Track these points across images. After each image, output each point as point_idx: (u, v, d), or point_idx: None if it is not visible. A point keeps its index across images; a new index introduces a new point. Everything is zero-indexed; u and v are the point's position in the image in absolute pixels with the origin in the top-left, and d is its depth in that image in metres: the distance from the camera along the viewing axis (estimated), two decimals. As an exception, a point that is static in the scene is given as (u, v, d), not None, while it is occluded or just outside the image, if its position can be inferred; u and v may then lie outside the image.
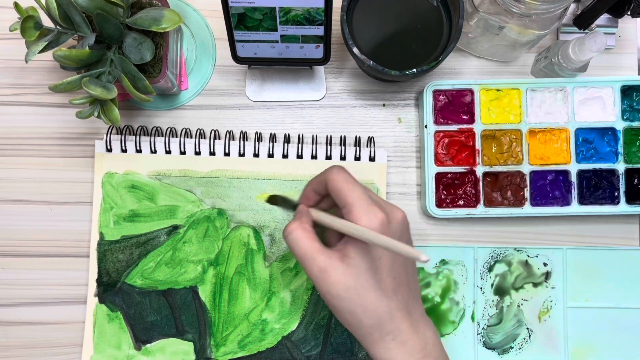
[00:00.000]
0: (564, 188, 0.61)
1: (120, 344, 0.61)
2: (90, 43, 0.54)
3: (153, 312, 0.62)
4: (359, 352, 0.61)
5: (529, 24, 0.56)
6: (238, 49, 0.57)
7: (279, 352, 0.61)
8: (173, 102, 0.64)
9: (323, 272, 0.45)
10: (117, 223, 0.62)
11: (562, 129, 0.61)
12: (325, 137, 0.64)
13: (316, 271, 0.45)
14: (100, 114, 0.56)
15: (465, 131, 0.62)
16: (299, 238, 0.47)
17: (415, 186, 0.64)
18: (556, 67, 0.61)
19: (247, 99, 0.64)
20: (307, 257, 0.46)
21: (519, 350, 0.62)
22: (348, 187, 0.47)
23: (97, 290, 0.62)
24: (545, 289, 0.62)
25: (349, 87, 0.65)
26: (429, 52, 0.57)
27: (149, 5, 0.58)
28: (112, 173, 0.62)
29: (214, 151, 0.62)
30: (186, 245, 0.62)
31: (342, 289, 0.45)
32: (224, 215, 0.62)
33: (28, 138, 0.64)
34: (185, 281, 0.62)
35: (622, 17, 0.61)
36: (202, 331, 0.61)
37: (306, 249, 0.46)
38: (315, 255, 0.46)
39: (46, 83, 0.64)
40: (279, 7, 0.52)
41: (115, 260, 0.62)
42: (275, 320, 0.61)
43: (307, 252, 0.46)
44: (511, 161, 0.61)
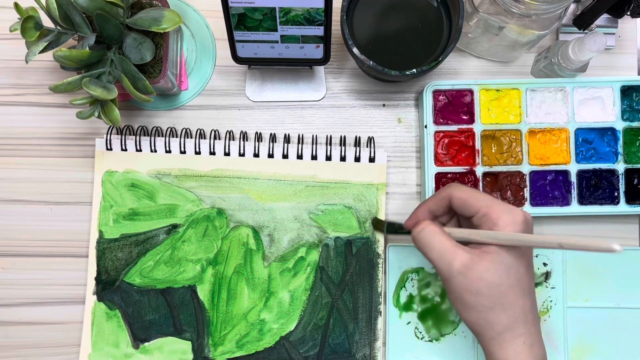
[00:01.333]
0: (563, 188, 0.61)
1: (118, 342, 0.61)
2: (91, 43, 0.54)
3: (151, 311, 0.62)
4: (356, 352, 0.61)
5: (529, 24, 0.56)
6: (238, 49, 0.57)
7: (277, 352, 0.61)
8: (173, 102, 0.64)
9: (466, 267, 0.44)
10: (116, 221, 0.62)
11: (562, 129, 0.61)
12: (325, 137, 0.64)
13: (458, 266, 0.44)
14: (100, 114, 0.56)
15: (465, 131, 0.62)
16: (435, 233, 0.46)
17: (415, 186, 0.64)
18: (556, 67, 0.61)
19: (247, 99, 0.64)
20: (448, 251, 0.45)
21: (518, 350, 0.62)
22: (475, 195, 0.46)
23: (96, 289, 0.62)
24: (545, 289, 0.62)
25: (349, 87, 0.65)
26: (429, 52, 0.57)
27: (149, 5, 0.58)
28: (112, 171, 0.62)
29: (214, 151, 0.62)
30: (185, 244, 0.62)
31: (485, 286, 0.44)
32: (223, 215, 0.62)
33: (28, 138, 0.64)
34: (184, 280, 0.62)
35: (622, 17, 0.61)
36: (200, 330, 0.61)
37: (445, 243, 0.45)
38: (456, 250, 0.44)
39: (46, 83, 0.64)
40: (279, 8, 0.52)
41: (114, 258, 0.62)
42: (274, 321, 0.61)
43: (447, 246, 0.45)
44: (511, 161, 0.61)
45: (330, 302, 0.61)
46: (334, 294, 0.62)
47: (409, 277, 0.62)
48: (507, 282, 0.44)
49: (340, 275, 0.62)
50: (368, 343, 0.61)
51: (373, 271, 0.61)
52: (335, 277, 0.62)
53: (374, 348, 0.61)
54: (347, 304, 0.61)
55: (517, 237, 0.44)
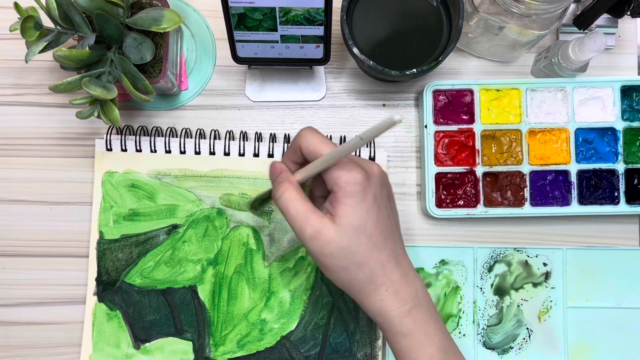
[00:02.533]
0: (563, 188, 0.61)
1: (119, 343, 0.61)
2: (90, 43, 0.54)
3: (152, 311, 0.62)
4: (357, 352, 0.61)
5: (529, 24, 0.56)
6: (238, 49, 0.57)
7: (278, 352, 0.61)
8: (173, 102, 0.64)
9: (317, 232, 0.45)
10: (116, 222, 0.62)
11: (562, 129, 0.61)
12: (325, 137, 0.63)
13: (310, 232, 0.46)
14: (100, 114, 0.56)
15: (465, 131, 0.62)
16: (292, 198, 0.47)
17: (415, 186, 0.64)
18: (556, 67, 0.61)
19: (247, 99, 0.64)
20: (300, 217, 0.46)
21: (518, 350, 0.62)
22: (323, 146, 0.47)
23: (97, 289, 0.62)
24: (545, 289, 0.62)
25: (349, 87, 0.65)
26: (429, 52, 0.57)
27: (149, 5, 0.58)
28: (112, 172, 0.62)
29: (214, 151, 0.62)
30: (186, 244, 0.62)
31: (336, 248, 0.45)
32: (223, 215, 0.62)
33: (28, 138, 0.64)
34: (184, 280, 0.62)
35: (622, 17, 0.61)
36: (201, 330, 0.61)
37: (300, 208, 0.46)
38: (308, 216, 0.46)
39: (46, 83, 0.64)
40: (279, 7, 0.52)
41: (114, 259, 0.62)
42: (274, 320, 0.61)
43: (300, 212, 0.46)
44: (511, 161, 0.61)
45: (331, 301, 0.61)
46: (335, 294, 0.62)
47: (409, 277, 0.62)
48: (356, 242, 0.45)
49: (340, 275, 0.62)
50: (369, 342, 0.61)
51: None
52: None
53: (375, 347, 0.61)
54: (348, 303, 0.61)
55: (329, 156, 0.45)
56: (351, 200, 0.45)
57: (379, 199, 0.47)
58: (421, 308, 0.48)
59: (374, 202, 0.46)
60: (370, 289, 0.47)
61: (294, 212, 0.46)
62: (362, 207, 0.46)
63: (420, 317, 0.48)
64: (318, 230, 0.45)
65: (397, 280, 0.47)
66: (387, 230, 0.48)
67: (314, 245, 0.46)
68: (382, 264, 0.47)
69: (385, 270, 0.47)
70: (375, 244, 0.46)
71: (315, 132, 0.48)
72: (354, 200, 0.45)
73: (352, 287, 0.47)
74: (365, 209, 0.46)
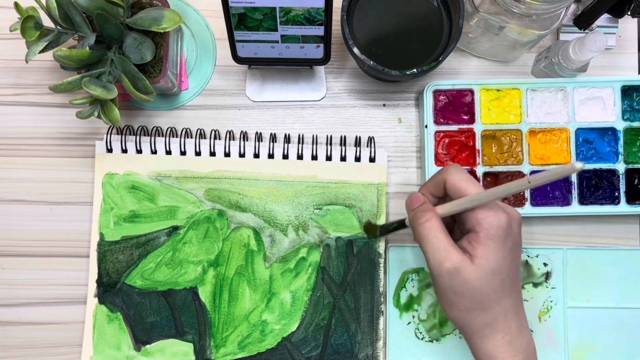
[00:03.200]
0: (564, 188, 0.61)
1: (120, 344, 0.61)
2: (91, 43, 0.54)
3: (153, 313, 0.61)
4: (359, 353, 0.61)
5: (529, 24, 0.56)
6: (238, 49, 0.57)
7: (279, 353, 0.61)
8: (173, 102, 0.64)
9: (456, 269, 0.45)
10: (117, 224, 0.62)
11: (563, 129, 0.61)
12: (325, 137, 0.64)
13: (448, 267, 0.46)
14: (100, 114, 0.56)
15: (465, 131, 0.62)
16: (434, 228, 0.47)
17: (416, 186, 0.64)
18: (556, 67, 0.61)
19: (247, 99, 0.64)
20: (441, 249, 0.46)
21: (519, 350, 0.62)
22: (469, 185, 0.47)
23: (97, 291, 0.62)
24: (545, 289, 0.62)
25: (349, 87, 0.65)
26: (429, 52, 0.57)
27: (149, 5, 0.58)
28: (113, 174, 0.62)
29: (214, 151, 0.62)
30: (186, 246, 0.62)
31: (469, 289, 0.46)
32: (224, 216, 0.62)
33: (28, 138, 0.64)
34: (185, 282, 0.62)
35: (622, 17, 0.61)
36: (202, 332, 0.61)
37: (441, 241, 0.46)
38: (450, 250, 0.46)
39: (46, 83, 0.64)
40: (279, 7, 0.51)
41: (115, 260, 0.62)
42: (275, 321, 0.61)
43: (442, 245, 0.46)
44: (511, 161, 0.61)
45: (332, 302, 0.62)
46: (336, 294, 0.62)
47: (409, 278, 0.62)
48: (490, 287, 0.46)
49: (341, 276, 0.62)
50: (370, 343, 0.61)
51: (374, 271, 0.61)
52: (337, 277, 0.62)
53: (376, 348, 0.61)
54: (349, 304, 0.61)
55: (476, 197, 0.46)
56: (493, 243, 0.46)
57: (515, 246, 0.47)
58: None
59: (512, 248, 0.47)
60: (488, 333, 0.47)
61: (436, 244, 0.47)
62: (502, 251, 0.46)
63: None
64: (457, 267, 0.45)
65: (514, 329, 0.47)
66: (515, 278, 0.48)
67: (448, 281, 0.46)
68: (505, 311, 0.47)
69: (506, 318, 0.47)
70: (504, 290, 0.47)
71: (461, 170, 0.48)
72: (496, 243, 0.46)
73: (469, 326, 0.48)
74: (504, 254, 0.46)
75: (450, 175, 0.48)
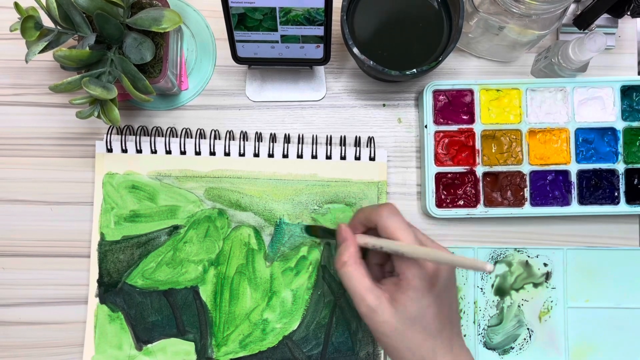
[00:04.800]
0: (563, 188, 0.61)
1: (121, 344, 0.61)
2: (91, 43, 0.54)
3: (154, 312, 0.61)
4: (359, 351, 0.61)
5: (529, 24, 0.56)
6: (238, 49, 0.57)
7: (280, 351, 0.61)
8: (173, 102, 0.64)
9: (372, 311, 0.47)
10: (117, 223, 0.62)
11: (562, 129, 0.62)
12: (325, 137, 0.64)
13: (364, 309, 0.47)
14: (100, 114, 0.56)
15: (465, 131, 0.62)
16: (353, 274, 0.48)
17: (415, 186, 0.64)
18: (556, 67, 0.61)
19: (247, 99, 0.64)
20: (357, 294, 0.47)
21: (519, 350, 0.62)
22: (404, 235, 0.47)
23: (98, 291, 0.62)
24: (545, 289, 0.62)
25: (349, 87, 0.65)
26: (429, 52, 0.57)
27: (149, 5, 0.58)
28: (113, 173, 0.62)
29: (214, 151, 0.62)
30: (187, 245, 0.62)
31: (389, 330, 0.46)
32: (224, 215, 0.62)
33: (28, 138, 0.64)
34: (186, 281, 0.62)
35: (622, 17, 0.61)
36: (203, 331, 0.61)
37: (359, 284, 0.48)
38: (364, 294, 0.47)
39: (46, 83, 0.64)
40: (279, 7, 0.52)
41: (116, 260, 0.62)
42: (276, 320, 0.61)
43: (358, 288, 0.47)
44: (511, 161, 0.61)
45: (332, 300, 0.62)
46: (337, 293, 0.62)
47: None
48: (411, 330, 0.46)
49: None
50: (371, 341, 0.61)
51: (374, 270, 0.62)
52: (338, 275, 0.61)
53: (377, 346, 0.61)
54: (350, 302, 0.61)
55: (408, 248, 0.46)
56: (414, 294, 0.46)
57: (442, 294, 0.48)
58: None
59: (436, 297, 0.47)
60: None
61: (352, 289, 0.48)
62: (424, 301, 0.46)
63: None
64: (373, 310, 0.47)
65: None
66: (445, 320, 0.48)
67: (368, 322, 0.48)
68: (435, 350, 0.47)
69: (436, 356, 0.47)
70: (430, 333, 0.47)
71: (395, 214, 0.49)
72: (417, 294, 0.46)
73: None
74: (426, 303, 0.47)
75: (383, 220, 0.48)
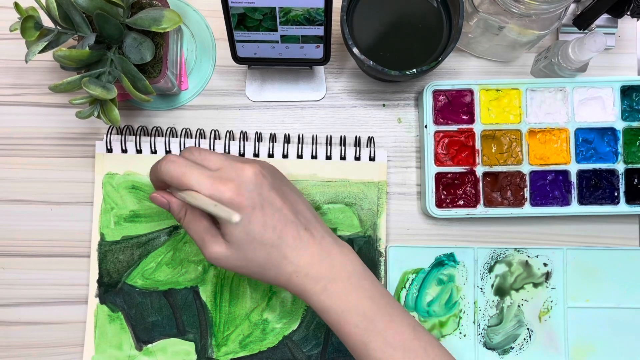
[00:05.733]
0: (563, 188, 0.61)
1: (121, 344, 0.61)
2: (90, 43, 0.54)
3: (154, 313, 0.61)
4: (359, 352, 0.61)
5: (529, 24, 0.56)
6: (238, 49, 0.57)
7: (280, 351, 0.61)
8: (173, 102, 0.64)
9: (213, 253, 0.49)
10: (117, 224, 0.62)
11: (562, 129, 0.61)
12: (325, 137, 0.64)
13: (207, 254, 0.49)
14: (100, 114, 0.56)
15: (465, 131, 0.62)
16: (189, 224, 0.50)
17: (415, 186, 0.64)
18: (556, 67, 0.61)
19: (247, 99, 0.64)
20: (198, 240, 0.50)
21: (519, 350, 0.62)
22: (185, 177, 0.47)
23: (98, 291, 0.62)
24: (545, 289, 0.62)
25: (349, 87, 0.65)
26: (429, 52, 0.57)
27: (149, 5, 0.58)
28: (113, 174, 0.62)
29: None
30: (187, 245, 0.62)
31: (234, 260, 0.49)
32: (224, 216, 0.62)
33: (28, 138, 0.64)
34: (186, 281, 0.62)
35: (622, 17, 0.61)
36: (203, 331, 0.61)
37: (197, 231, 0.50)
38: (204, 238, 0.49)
39: (46, 83, 0.64)
40: (279, 8, 0.51)
41: (115, 260, 0.62)
42: (276, 320, 0.61)
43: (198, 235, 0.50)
44: (511, 161, 0.61)
45: (331, 301, 0.62)
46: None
47: (409, 278, 0.62)
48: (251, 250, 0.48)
49: (341, 275, 0.62)
50: (369, 343, 0.61)
51: (375, 269, 0.61)
52: None
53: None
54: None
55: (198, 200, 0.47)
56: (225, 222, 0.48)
57: (258, 200, 0.48)
58: (338, 281, 0.49)
59: (253, 209, 0.47)
60: (283, 280, 0.49)
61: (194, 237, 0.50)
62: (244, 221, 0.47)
63: (338, 290, 0.49)
64: (213, 251, 0.49)
65: (306, 262, 0.49)
66: (282, 221, 0.49)
67: (217, 264, 0.50)
68: (284, 255, 0.48)
69: (289, 259, 0.49)
70: (271, 243, 0.48)
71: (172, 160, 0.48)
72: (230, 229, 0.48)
73: (269, 283, 0.51)
74: (247, 220, 0.47)
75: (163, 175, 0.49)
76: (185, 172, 0.47)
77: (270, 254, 0.48)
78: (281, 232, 0.48)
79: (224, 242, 0.48)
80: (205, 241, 0.49)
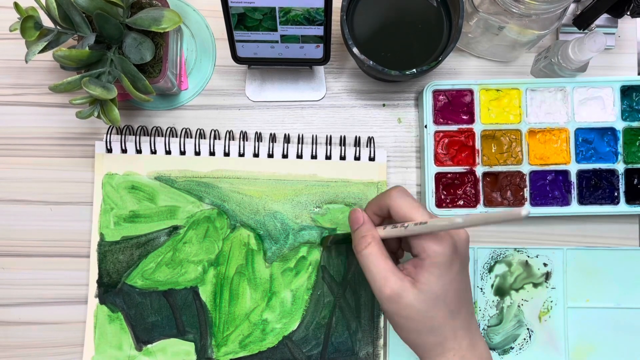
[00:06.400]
0: (563, 188, 0.61)
1: (121, 344, 0.61)
2: (90, 43, 0.54)
3: (154, 313, 0.61)
4: (359, 351, 0.61)
5: (528, 24, 0.56)
6: (238, 49, 0.57)
7: (280, 351, 0.61)
8: (173, 102, 0.64)
9: (396, 295, 0.46)
10: (117, 224, 0.62)
11: (562, 129, 0.61)
12: (325, 137, 0.64)
13: (388, 293, 0.46)
14: (100, 114, 0.56)
15: (465, 131, 0.62)
16: (374, 256, 0.47)
17: (415, 186, 0.64)
18: (556, 67, 0.61)
19: (247, 99, 0.64)
20: (380, 277, 0.47)
21: (519, 350, 0.62)
22: (413, 213, 0.47)
23: (98, 291, 0.62)
24: (545, 289, 0.62)
25: (349, 87, 0.65)
26: (429, 52, 0.57)
27: (149, 5, 0.58)
28: (112, 174, 0.62)
29: (213, 151, 0.62)
30: (186, 245, 0.62)
31: (414, 312, 0.46)
32: (224, 216, 0.62)
33: (28, 138, 0.64)
34: (185, 281, 0.62)
35: (621, 17, 0.61)
36: (203, 331, 0.61)
37: (380, 268, 0.47)
38: (388, 277, 0.46)
39: (46, 83, 0.64)
40: (279, 7, 0.52)
41: (115, 261, 0.62)
42: (276, 320, 0.61)
43: (381, 272, 0.47)
44: (511, 161, 0.61)
45: (332, 300, 0.62)
46: (336, 293, 0.62)
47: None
48: (435, 309, 0.46)
49: (342, 274, 0.62)
50: (371, 341, 0.61)
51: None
52: (337, 276, 0.62)
53: (377, 346, 0.61)
54: (350, 303, 0.61)
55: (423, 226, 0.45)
56: (437, 270, 0.46)
57: (463, 267, 0.47)
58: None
59: (459, 271, 0.47)
60: (439, 352, 0.47)
61: (375, 271, 0.47)
62: (446, 277, 0.46)
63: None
64: (397, 293, 0.46)
65: (465, 346, 0.47)
66: (463, 298, 0.48)
67: (390, 307, 0.47)
68: (455, 330, 0.47)
69: (456, 336, 0.47)
70: (452, 311, 0.47)
71: (406, 194, 0.48)
72: (439, 270, 0.46)
73: (420, 347, 0.48)
74: (449, 279, 0.46)
75: (394, 201, 0.48)
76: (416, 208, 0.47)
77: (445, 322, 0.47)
78: (461, 306, 0.48)
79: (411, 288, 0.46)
80: (389, 280, 0.46)
